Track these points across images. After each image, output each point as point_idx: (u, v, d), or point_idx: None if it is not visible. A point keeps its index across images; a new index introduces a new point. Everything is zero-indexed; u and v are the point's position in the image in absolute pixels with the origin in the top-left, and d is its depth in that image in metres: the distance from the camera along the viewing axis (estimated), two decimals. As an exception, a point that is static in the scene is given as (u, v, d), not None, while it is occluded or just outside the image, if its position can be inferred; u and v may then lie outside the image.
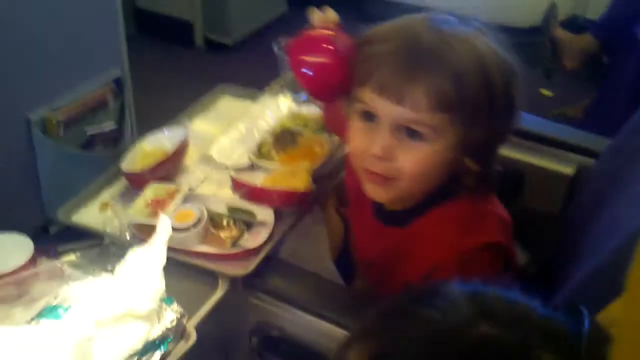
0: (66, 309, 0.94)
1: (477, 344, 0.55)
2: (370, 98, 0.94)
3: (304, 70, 1.04)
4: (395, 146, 0.94)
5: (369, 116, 0.96)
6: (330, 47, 1.04)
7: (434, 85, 0.90)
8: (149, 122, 1.50)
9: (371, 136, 0.95)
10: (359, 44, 1.00)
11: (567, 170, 1.39)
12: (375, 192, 1.00)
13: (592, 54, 2.38)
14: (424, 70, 0.90)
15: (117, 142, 2.12)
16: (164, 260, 0.97)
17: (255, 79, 1.63)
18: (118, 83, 2.11)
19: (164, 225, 1.01)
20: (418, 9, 3.25)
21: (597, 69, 2.45)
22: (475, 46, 0.94)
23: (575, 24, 3.32)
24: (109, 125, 2.10)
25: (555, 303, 0.79)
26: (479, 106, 0.93)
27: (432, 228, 1.01)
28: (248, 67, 3.03)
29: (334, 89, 1.04)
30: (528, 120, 1.52)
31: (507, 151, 1.44)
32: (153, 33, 3.27)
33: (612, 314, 0.69)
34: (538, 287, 0.62)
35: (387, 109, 0.93)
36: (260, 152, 1.35)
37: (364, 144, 0.96)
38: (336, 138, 1.36)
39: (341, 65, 1.01)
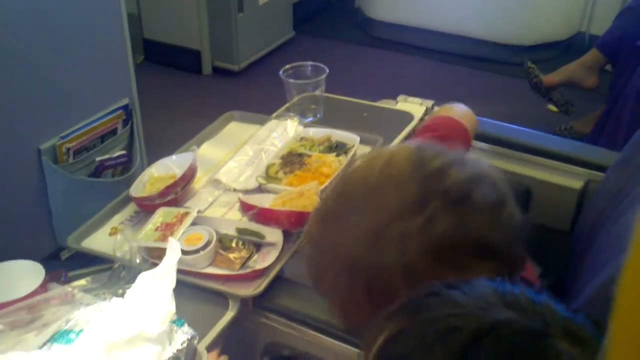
0: (78, 334, 0.95)
1: (496, 324, 0.55)
2: None
3: None
4: None
5: None
6: None
7: None
8: (158, 148, 1.51)
9: None
10: None
11: (576, 184, 1.39)
12: None
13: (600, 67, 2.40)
14: None
15: (126, 169, 2.13)
16: (174, 283, 0.98)
17: (262, 103, 1.65)
18: (127, 110, 2.13)
19: (173, 248, 1.02)
20: (421, 31, 3.30)
21: (604, 82, 2.47)
22: None
23: (578, 41, 3.35)
24: (118, 152, 2.11)
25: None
26: None
27: None
28: (255, 92, 3.07)
29: None
30: (533, 136, 1.53)
31: (514, 167, 1.45)
32: (160, 61, 3.31)
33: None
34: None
35: None
36: (268, 174, 1.36)
37: None
38: (344, 158, 1.37)
39: None
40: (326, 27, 3.74)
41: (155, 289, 0.96)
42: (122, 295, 1.01)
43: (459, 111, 1.25)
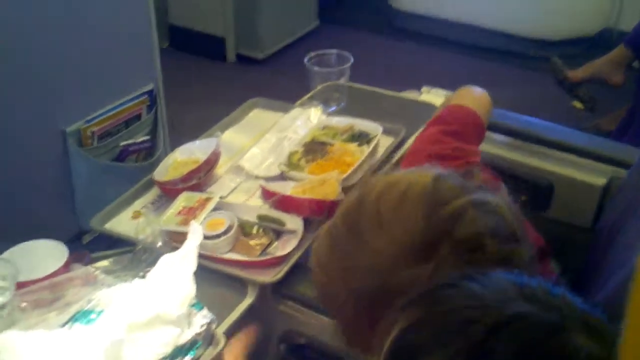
0: (99, 314, 0.96)
1: (514, 317, 0.55)
2: None
3: None
4: None
5: None
6: None
7: None
8: (182, 135, 1.52)
9: None
10: None
11: (599, 181, 1.38)
12: None
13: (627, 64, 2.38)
14: None
15: (150, 155, 2.15)
16: (195, 266, 0.99)
17: (285, 91, 1.65)
18: (151, 95, 2.15)
19: (195, 232, 1.03)
20: (447, 23, 3.28)
21: (630, 79, 2.44)
22: None
23: (606, 37, 3.31)
24: (142, 137, 2.13)
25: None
26: None
27: None
28: (279, 80, 3.07)
29: None
30: (558, 131, 1.52)
31: (537, 162, 1.44)
32: (185, 48, 3.32)
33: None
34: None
35: None
36: (290, 162, 1.37)
37: None
38: (366, 148, 1.37)
39: None
40: (351, 17, 3.73)
41: (176, 271, 0.97)
42: (143, 277, 1.02)
43: (474, 97, 1.20)
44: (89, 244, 1.85)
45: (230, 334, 1.00)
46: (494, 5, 3.36)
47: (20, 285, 1.01)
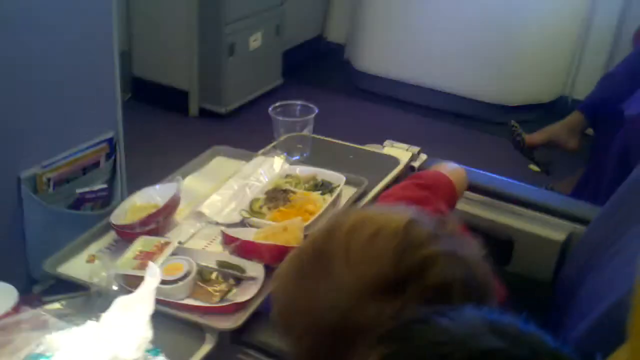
0: (49, 358, 0.92)
1: (485, 352, 0.54)
2: None
3: None
4: None
5: None
6: None
7: None
8: (141, 185, 1.49)
9: None
10: None
11: (558, 236, 1.39)
12: None
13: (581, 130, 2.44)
14: None
15: (106, 203, 2.11)
16: (152, 309, 0.95)
17: (248, 145, 1.64)
18: (111, 143, 2.12)
19: (152, 273, 1.00)
20: (409, 86, 3.34)
21: (584, 145, 2.51)
22: None
23: (561, 104, 3.42)
24: (99, 186, 2.09)
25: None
26: None
27: None
28: (241, 135, 3.06)
29: None
30: (518, 187, 1.54)
31: (497, 216, 1.45)
32: (148, 100, 3.31)
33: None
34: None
35: None
36: (252, 209, 1.35)
37: None
38: (329, 197, 1.36)
39: None
40: (315, 77, 3.78)
41: (132, 314, 0.94)
42: (97, 320, 0.98)
43: (449, 168, 1.26)
44: (41, 294, 1.79)
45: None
46: (455, 71, 3.44)
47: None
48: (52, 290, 1.19)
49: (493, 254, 1.38)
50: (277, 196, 1.37)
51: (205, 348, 1.04)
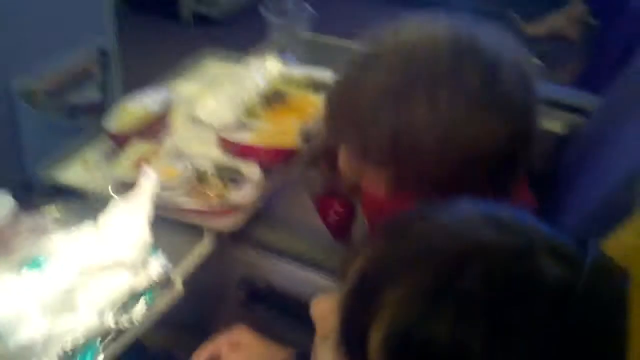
0: (47, 259, 0.92)
1: (481, 244, 0.54)
2: None
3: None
4: None
5: None
6: None
7: None
8: (135, 92, 1.46)
9: None
10: None
11: (557, 128, 1.38)
12: None
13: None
14: None
15: (101, 112, 2.09)
16: (149, 211, 0.95)
17: (243, 50, 1.60)
18: (103, 53, 2.08)
19: (148, 177, 0.99)
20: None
21: (586, 34, 2.45)
22: None
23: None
24: (93, 96, 2.07)
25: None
26: None
27: None
28: (237, 42, 3.00)
29: None
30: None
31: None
32: (140, 7, 3.23)
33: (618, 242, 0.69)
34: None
35: None
36: (248, 112, 1.33)
37: None
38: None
39: None
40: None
41: (129, 216, 0.94)
42: (94, 223, 0.98)
43: None
44: (38, 201, 1.80)
45: (187, 279, 0.97)
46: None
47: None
48: (49, 197, 1.19)
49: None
50: (273, 98, 1.35)
51: (204, 247, 1.05)
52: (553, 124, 1.36)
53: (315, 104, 1.33)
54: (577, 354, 0.50)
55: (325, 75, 1.41)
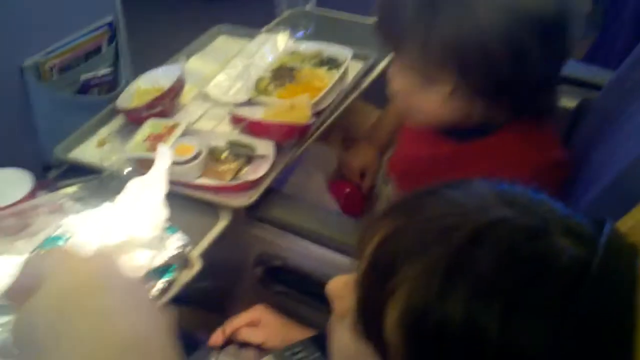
0: (67, 239, 0.94)
1: (494, 222, 0.54)
2: None
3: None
4: None
5: None
6: None
7: None
8: (145, 68, 1.47)
9: None
10: None
11: (570, 103, 1.38)
12: None
13: None
14: None
15: (112, 88, 2.09)
16: (165, 189, 0.96)
17: (252, 24, 1.60)
18: (112, 27, 2.07)
19: (163, 155, 1.00)
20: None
21: (596, 9, 2.43)
22: None
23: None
24: (103, 71, 2.07)
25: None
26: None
27: (497, 148, 1.01)
28: (248, 18, 2.98)
29: None
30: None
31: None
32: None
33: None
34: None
35: None
36: (258, 88, 1.33)
37: None
38: (336, 73, 1.34)
39: None
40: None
41: (146, 195, 0.95)
42: (112, 202, 0.99)
43: None
44: (55, 179, 1.81)
45: (205, 256, 0.99)
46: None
47: (-15, 214, 0.98)
48: (66, 176, 1.21)
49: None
50: (283, 74, 1.35)
51: (221, 225, 1.06)
52: (565, 99, 1.36)
53: (325, 79, 1.33)
54: (592, 333, 0.51)
55: (337, 50, 1.41)
